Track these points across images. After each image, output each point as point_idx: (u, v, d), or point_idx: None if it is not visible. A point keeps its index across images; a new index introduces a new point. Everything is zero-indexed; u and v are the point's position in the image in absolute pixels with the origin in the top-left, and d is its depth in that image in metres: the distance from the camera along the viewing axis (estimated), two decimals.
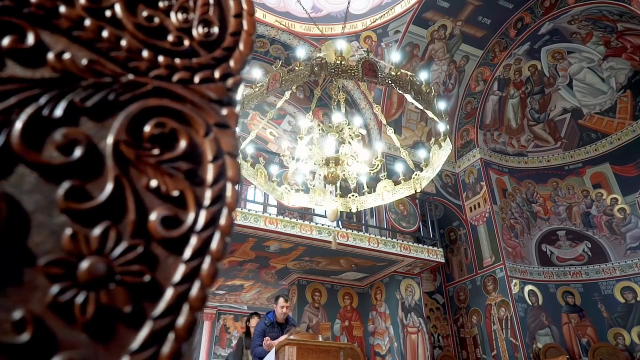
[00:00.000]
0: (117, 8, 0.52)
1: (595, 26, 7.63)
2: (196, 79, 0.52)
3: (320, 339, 4.27)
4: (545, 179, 8.55)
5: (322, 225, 6.21)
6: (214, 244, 0.43)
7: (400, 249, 6.45)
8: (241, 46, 0.57)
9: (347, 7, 5.65)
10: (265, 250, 6.24)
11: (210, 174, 0.46)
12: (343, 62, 3.21)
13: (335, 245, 3.56)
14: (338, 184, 3.63)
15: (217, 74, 0.53)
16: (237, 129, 0.52)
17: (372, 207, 7.49)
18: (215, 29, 0.56)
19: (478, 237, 7.96)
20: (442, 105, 3.43)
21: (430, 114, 3.65)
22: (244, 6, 0.61)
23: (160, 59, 0.51)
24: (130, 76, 0.48)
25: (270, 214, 5.84)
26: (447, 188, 8.63)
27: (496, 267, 7.42)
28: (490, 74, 8.75)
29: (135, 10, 0.53)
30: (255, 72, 3.67)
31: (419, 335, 6.67)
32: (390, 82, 3.24)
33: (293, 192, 3.59)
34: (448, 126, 3.38)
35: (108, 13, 0.51)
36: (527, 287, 7.33)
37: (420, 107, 3.91)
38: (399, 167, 4.11)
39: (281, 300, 4.81)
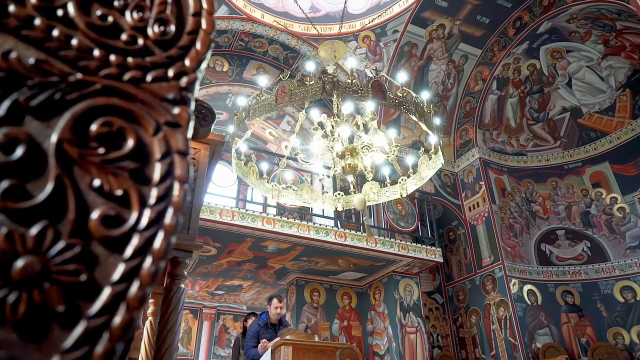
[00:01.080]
0: (70, 7, 0.52)
1: (594, 25, 7.61)
2: (148, 78, 0.52)
3: (317, 339, 4.27)
4: (545, 178, 8.53)
5: (320, 225, 6.21)
6: (157, 243, 0.43)
7: (398, 249, 6.44)
8: (198, 45, 0.57)
9: (344, 7, 5.64)
10: (263, 251, 6.24)
11: (157, 172, 0.46)
12: (354, 81, 3.23)
13: (370, 236, 3.52)
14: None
15: (171, 73, 0.53)
16: (191, 128, 0.52)
17: (370, 207, 7.50)
18: (172, 28, 0.56)
19: (477, 236, 7.95)
20: (437, 120, 3.47)
21: (424, 126, 3.68)
22: (204, 5, 0.61)
23: (112, 58, 0.51)
24: (79, 75, 0.48)
25: (268, 214, 5.85)
26: (446, 187, 8.62)
27: (495, 267, 7.41)
28: (489, 73, 8.74)
29: (89, 10, 0.53)
30: (261, 80, 3.67)
31: (417, 335, 6.66)
32: (397, 102, 3.29)
33: (283, 190, 3.59)
34: (441, 140, 3.40)
35: (60, 12, 0.51)
36: (526, 287, 7.32)
37: (417, 121, 3.93)
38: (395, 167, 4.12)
39: (275, 301, 4.79)
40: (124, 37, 0.53)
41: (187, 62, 0.55)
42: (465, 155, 8.80)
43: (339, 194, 3.53)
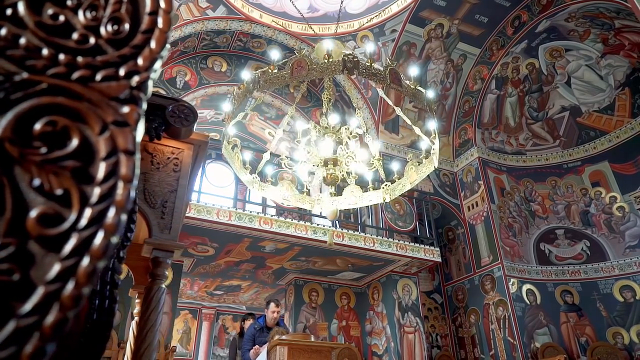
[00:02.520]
0: (20, 6, 0.52)
1: (593, 23, 7.59)
2: (98, 77, 0.51)
3: (312, 339, 4.27)
4: (544, 177, 8.51)
5: (318, 225, 6.21)
6: (96, 243, 0.42)
7: (396, 249, 6.44)
8: (153, 44, 0.57)
9: (341, 7, 5.64)
10: (261, 251, 6.24)
11: (101, 171, 0.46)
12: (373, 64, 3.23)
13: (332, 243, 3.53)
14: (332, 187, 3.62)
15: (122, 72, 0.53)
16: (141, 127, 0.52)
17: (369, 207, 7.50)
18: (126, 27, 0.56)
19: (476, 236, 7.94)
20: (432, 125, 3.45)
21: (417, 131, 3.68)
22: (161, 4, 0.61)
23: (61, 57, 0.51)
24: (25, 75, 0.48)
25: (266, 214, 5.84)
26: (444, 187, 8.60)
27: (494, 267, 7.39)
28: (488, 73, 8.72)
29: (40, 9, 0.53)
30: (273, 54, 3.60)
31: (416, 335, 6.65)
32: (412, 92, 3.29)
33: (262, 182, 3.58)
34: (434, 145, 3.37)
35: (9, 11, 0.51)
36: (525, 286, 7.30)
37: (407, 120, 3.93)
38: (394, 167, 4.12)
39: (272, 305, 4.82)
40: (75, 36, 0.53)
41: (139, 61, 0.55)
42: (464, 155, 8.78)
43: (318, 196, 3.53)
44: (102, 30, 0.55)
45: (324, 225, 6.33)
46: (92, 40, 0.53)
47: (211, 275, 7.39)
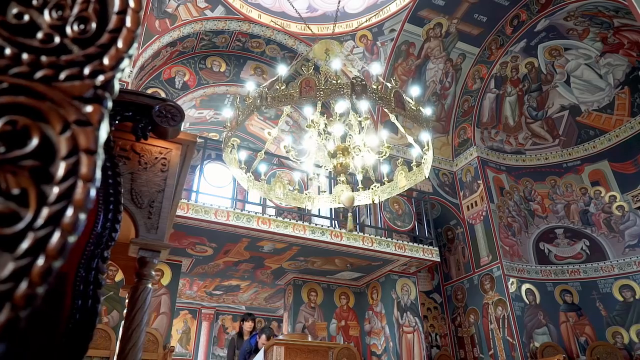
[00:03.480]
0: None
1: (592, 22, 7.57)
2: (62, 76, 0.51)
3: (309, 339, 4.27)
4: (543, 176, 8.49)
5: (317, 225, 6.21)
6: (52, 242, 0.42)
7: (394, 248, 6.43)
8: (120, 43, 0.57)
9: (337, 6, 5.64)
10: (259, 251, 6.24)
11: (60, 171, 0.46)
12: (379, 87, 3.26)
13: (352, 228, 3.47)
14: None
15: (86, 71, 0.53)
16: (105, 126, 0.52)
17: (368, 206, 7.49)
18: (93, 26, 0.56)
19: (475, 235, 7.93)
20: (425, 137, 3.49)
21: (410, 139, 3.69)
22: (130, 3, 0.61)
23: (25, 56, 0.51)
24: None
25: (265, 215, 5.84)
26: (444, 187, 8.60)
27: (493, 266, 7.38)
28: (487, 72, 8.71)
29: (4, 9, 0.53)
30: (280, 69, 3.59)
31: (414, 334, 6.64)
32: (414, 115, 3.33)
33: (253, 180, 3.58)
34: (425, 156, 3.39)
35: None
36: (525, 286, 7.29)
37: (401, 128, 3.94)
38: (384, 169, 4.13)
39: (263, 337, 5.05)
40: (39, 35, 0.53)
41: (105, 61, 0.55)
42: (463, 154, 8.77)
43: (307, 193, 3.52)
44: (68, 30, 0.54)
45: (321, 225, 6.33)
46: (57, 39, 0.53)
47: (210, 275, 7.40)
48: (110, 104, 0.54)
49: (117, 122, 1.25)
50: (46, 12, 0.55)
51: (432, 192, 8.33)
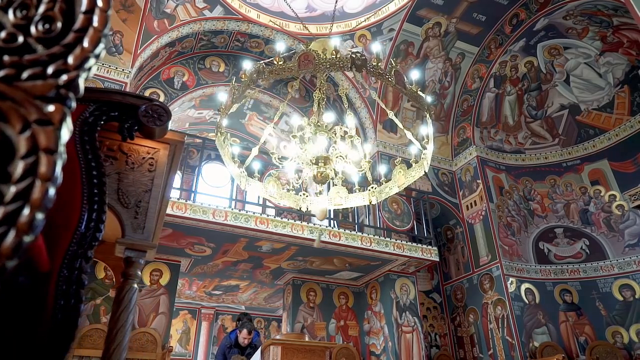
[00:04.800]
0: None
1: (591, 21, 7.55)
2: (24, 76, 0.51)
3: (307, 339, 4.26)
4: (543, 176, 8.47)
5: (315, 225, 6.20)
6: (7, 242, 0.42)
7: (393, 248, 6.42)
8: (85, 42, 0.57)
9: (335, 6, 5.63)
10: (257, 251, 6.24)
11: (18, 170, 0.46)
12: (380, 64, 3.25)
13: (319, 244, 3.53)
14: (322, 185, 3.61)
15: (50, 70, 0.53)
16: (67, 125, 0.52)
17: (367, 206, 7.49)
18: (58, 25, 0.56)
19: (474, 235, 7.92)
20: (426, 129, 3.46)
21: (409, 134, 3.68)
22: (99, 3, 0.61)
23: None
24: None
25: (265, 215, 5.83)
26: (443, 186, 8.58)
27: (492, 266, 7.37)
28: (487, 71, 8.69)
29: None
30: (279, 45, 3.62)
31: (413, 334, 6.64)
32: (414, 95, 3.31)
33: (250, 178, 3.58)
34: (425, 150, 3.37)
35: None
36: (524, 286, 7.27)
37: (399, 124, 3.94)
38: (382, 169, 4.14)
39: (244, 332, 5.12)
40: (2, 35, 0.53)
41: (70, 60, 0.55)
42: (462, 154, 8.76)
43: (304, 193, 3.52)
44: (33, 29, 0.54)
45: (320, 225, 6.32)
46: (20, 39, 0.53)
47: (209, 276, 7.40)
48: (74, 104, 0.54)
49: (102, 122, 1.25)
50: (10, 12, 0.55)
51: (431, 191, 8.33)
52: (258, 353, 4.02)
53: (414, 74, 3.68)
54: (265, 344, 3.89)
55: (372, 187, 3.42)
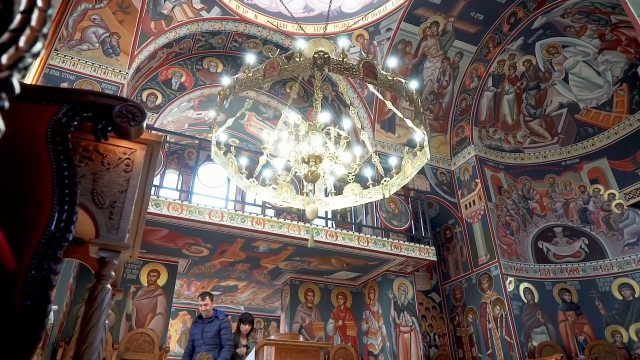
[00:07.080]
0: None
1: (589, 19, 7.52)
2: None
3: (301, 339, 4.26)
4: (542, 175, 8.44)
5: (312, 224, 6.20)
6: None
7: (390, 248, 6.41)
8: (21, 42, 0.56)
9: (329, 5, 5.63)
10: (255, 251, 6.25)
11: None
12: (345, 60, 3.23)
13: (313, 244, 3.52)
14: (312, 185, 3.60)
15: None
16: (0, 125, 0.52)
17: (364, 206, 7.47)
18: None
19: (473, 235, 7.90)
20: (416, 117, 3.46)
21: (409, 122, 3.66)
22: (38, 2, 0.60)
23: None
24: None
25: (265, 216, 5.82)
26: (442, 186, 8.57)
27: (491, 265, 7.35)
28: (485, 70, 8.67)
29: None
30: (249, 58, 3.65)
31: (411, 334, 6.62)
32: (389, 84, 3.28)
33: (259, 186, 3.58)
34: (426, 137, 3.36)
35: None
36: (523, 285, 7.25)
37: (398, 113, 3.93)
38: (392, 161, 4.15)
39: (199, 299, 5.28)
40: None
41: (3, 60, 0.54)
42: (461, 153, 8.74)
43: (306, 194, 3.51)
44: None
45: (317, 225, 6.32)
46: None
47: (207, 276, 7.41)
48: (6, 104, 0.53)
49: (76, 123, 1.25)
50: None
51: (429, 191, 8.31)
52: (252, 353, 4.02)
53: (391, 62, 3.63)
54: (260, 344, 3.90)
55: (385, 181, 3.41)
